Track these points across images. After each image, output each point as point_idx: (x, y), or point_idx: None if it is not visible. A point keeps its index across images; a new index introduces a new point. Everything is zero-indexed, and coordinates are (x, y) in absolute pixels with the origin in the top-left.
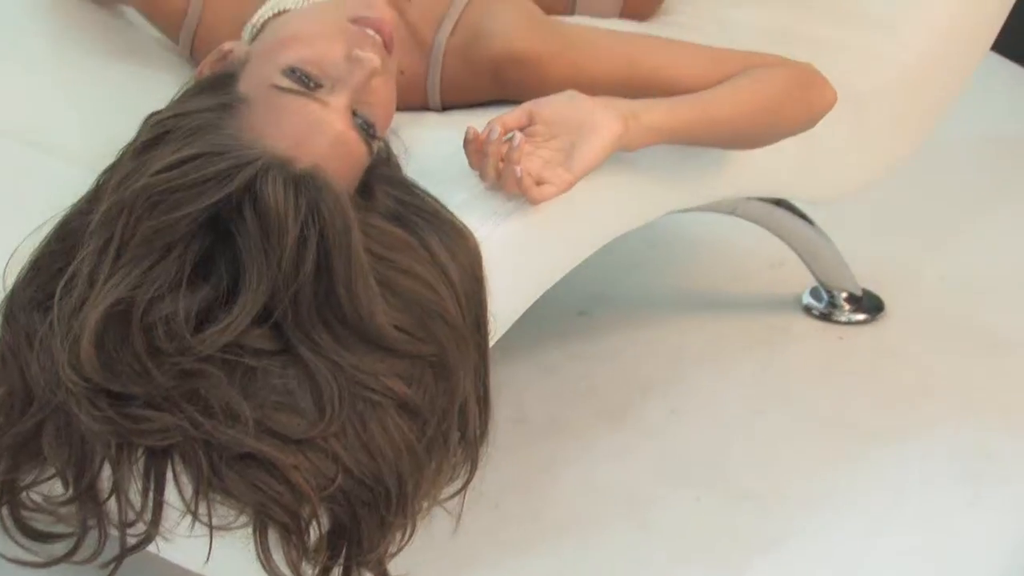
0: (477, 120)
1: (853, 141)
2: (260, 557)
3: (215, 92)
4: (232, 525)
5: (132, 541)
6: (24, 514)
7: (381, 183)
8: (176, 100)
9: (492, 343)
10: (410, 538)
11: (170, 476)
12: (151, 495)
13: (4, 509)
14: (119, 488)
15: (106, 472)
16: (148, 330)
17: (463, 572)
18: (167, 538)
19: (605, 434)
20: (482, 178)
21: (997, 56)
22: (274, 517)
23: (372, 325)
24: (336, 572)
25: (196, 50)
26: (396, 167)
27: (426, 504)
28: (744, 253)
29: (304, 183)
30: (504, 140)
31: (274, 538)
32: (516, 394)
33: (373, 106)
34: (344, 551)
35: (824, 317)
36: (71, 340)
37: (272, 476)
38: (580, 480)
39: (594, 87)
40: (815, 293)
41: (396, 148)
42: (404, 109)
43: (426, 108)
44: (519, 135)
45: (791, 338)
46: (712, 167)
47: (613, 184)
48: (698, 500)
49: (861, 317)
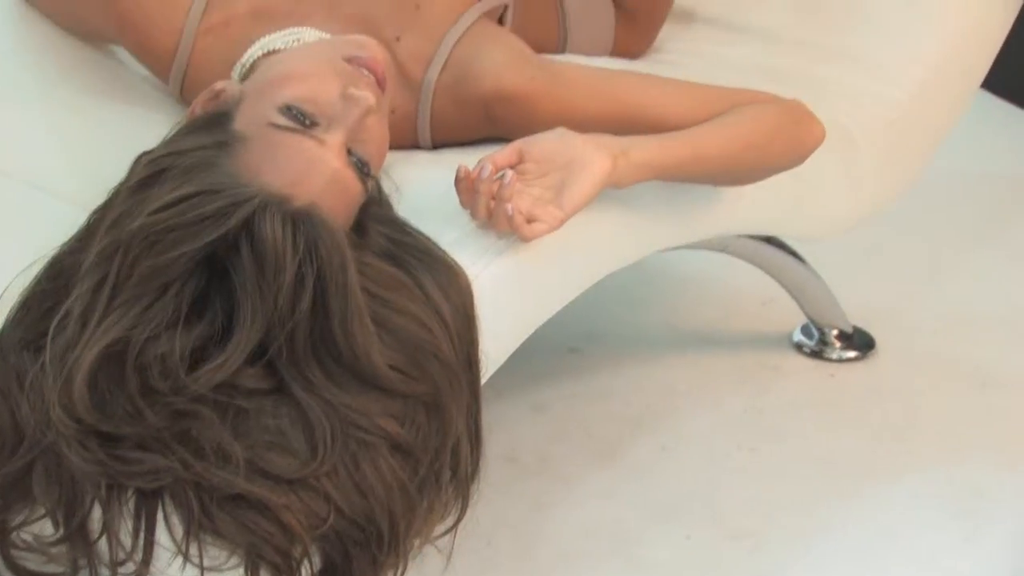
0: (468, 158)
1: (843, 179)
2: None
3: (210, 130)
4: (223, 566)
5: None
6: (15, 553)
7: (374, 222)
8: (169, 139)
9: (483, 381)
10: None
11: (161, 517)
12: (142, 535)
13: None
14: (109, 528)
15: (96, 512)
16: (143, 370)
17: None
18: None
19: (596, 472)
20: (473, 216)
21: (987, 94)
22: (266, 557)
23: (367, 364)
24: None
25: (186, 90)
26: (388, 206)
27: (418, 542)
28: (735, 290)
29: (301, 221)
30: (495, 178)
31: None
32: (507, 432)
33: (367, 144)
34: None
35: (815, 354)
36: (63, 380)
37: (263, 516)
38: (571, 518)
39: (584, 124)
40: (806, 330)
41: (387, 187)
42: (394, 148)
43: (416, 147)
44: (510, 173)
45: (782, 375)
46: (702, 204)
47: (604, 221)
48: (688, 538)
49: (852, 354)
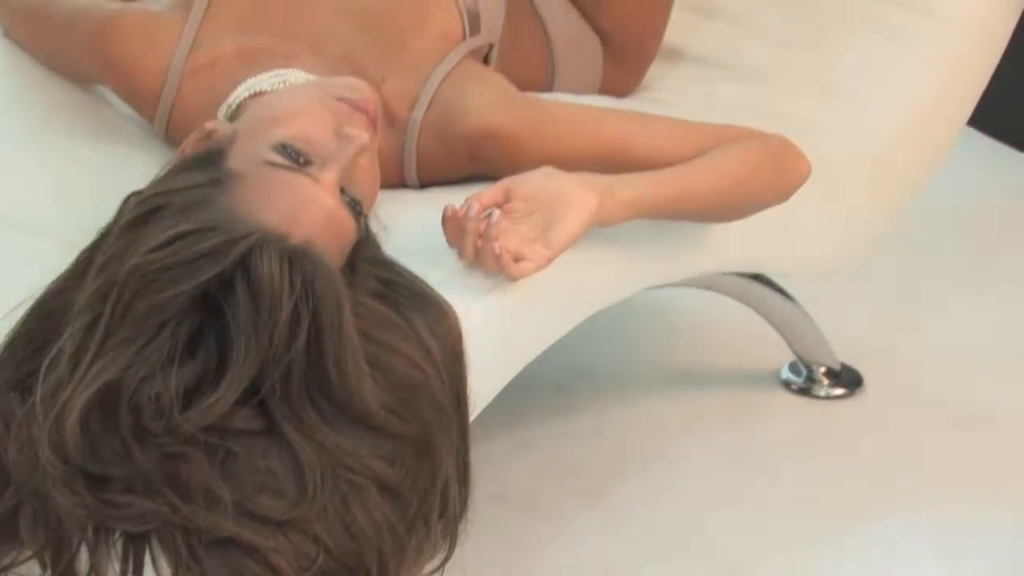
0: (455, 197)
1: (830, 216)
2: None
3: (204, 169)
4: None
5: None
6: None
7: (363, 261)
8: (161, 178)
9: (471, 419)
10: None
11: (148, 560)
12: None
13: None
14: (97, 571)
15: (84, 555)
16: (136, 410)
17: None
18: None
19: (584, 510)
20: (460, 255)
21: (973, 131)
22: None
23: (360, 404)
24: None
25: (171, 130)
26: (376, 245)
27: None
28: (722, 328)
29: (298, 258)
30: (482, 217)
31: None
32: (495, 470)
33: (360, 184)
34: None
35: (803, 392)
36: (54, 420)
37: (252, 559)
38: (560, 556)
39: (570, 162)
40: (794, 368)
41: (374, 226)
42: (382, 187)
43: (403, 186)
44: (497, 212)
45: (770, 413)
46: (689, 242)
47: (591, 260)
48: None
49: (840, 392)
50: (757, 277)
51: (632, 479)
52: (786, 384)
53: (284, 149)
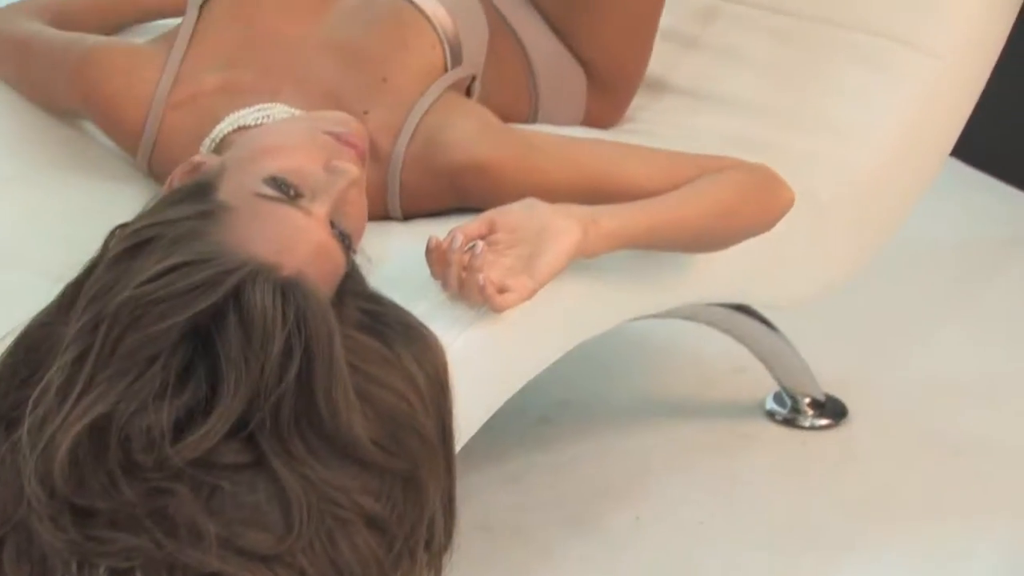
0: (438, 229)
1: (813, 246)
2: None
3: (193, 201)
4: None
5: None
6: None
7: (349, 294)
8: (149, 210)
9: (456, 450)
10: None
11: None
12: None
13: None
14: None
15: None
16: (126, 443)
17: None
18: None
19: (570, 542)
20: (444, 287)
21: (956, 161)
22: None
23: (349, 438)
24: None
25: (154, 164)
26: (360, 277)
27: None
28: (706, 359)
29: (291, 290)
30: (466, 249)
31: None
32: (480, 502)
33: (349, 217)
34: None
35: (788, 422)
36: (41, 453)
37: None
38: None
39: (553, 194)
40: (778, 398)
41: (359, 258)
42: None
43: (387, 218)
44: (481, 243)
45: (755, 444)
46: (673, 273)
47: (575, 291)
48: None
49: (825, 422)
50: (741, 308)
51: (617, 510)
52: (771, 415)
53: (275, 182)
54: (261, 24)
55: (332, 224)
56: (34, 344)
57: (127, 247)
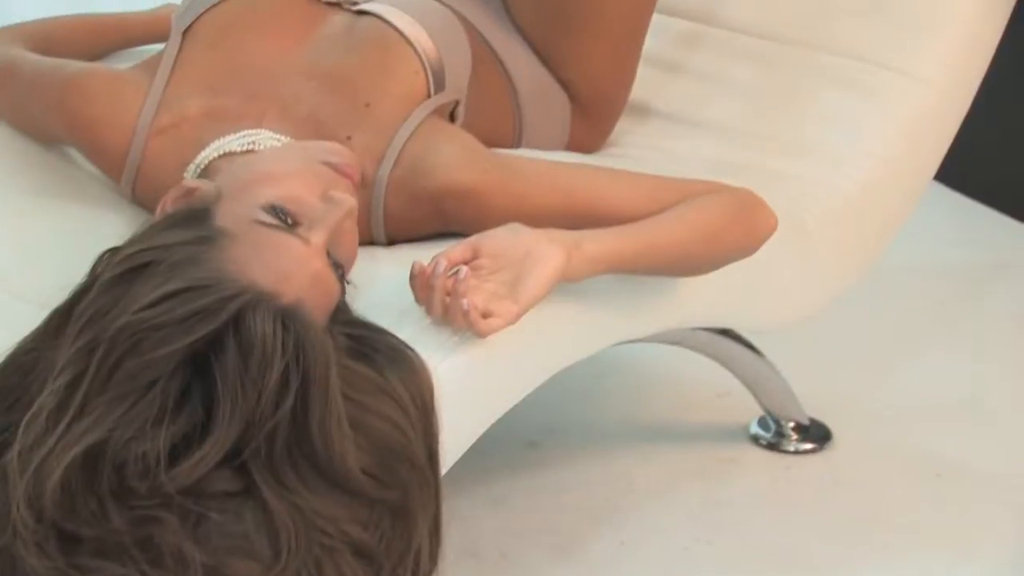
0: (422, 254)
1: (797, 270)
2: None
3: (190, 226)
4: None
5: None
6: None
7: (336, 322)
8: (143, 234)
9: (441, 475)
10: None
11: None
12: None
13: None
14: None
15: None
16: (120, 469)
17: None
18: None
19: (556, 566)
20: (428, 312)
21: (939, 185)
22: None
23: (341, 467)
24: None
25: (138, 190)
26: (345, 303)
27: None
28: (691, 383)
29: (290, 319)
30: (450, 274)
31: None
32: (466, 527)
33: (342, 247)
34: None
35: (772, 446)
36: (32, 477)
37: None
38: None
39: (537, 218)
40: (762, 422)
41: None
42: None
43: (371, 243)
44: (464, 269)
45: (739, 468)
46: (657, 297)
47: (559, 315)
48: None
49: (809, 446)
50: (725, 332)
51: (602, 534)
52: (755, 439)
53: (273, 210)
54: (244, 50)
55: (327, 253)
56: (21, 368)
57: (123, 271)
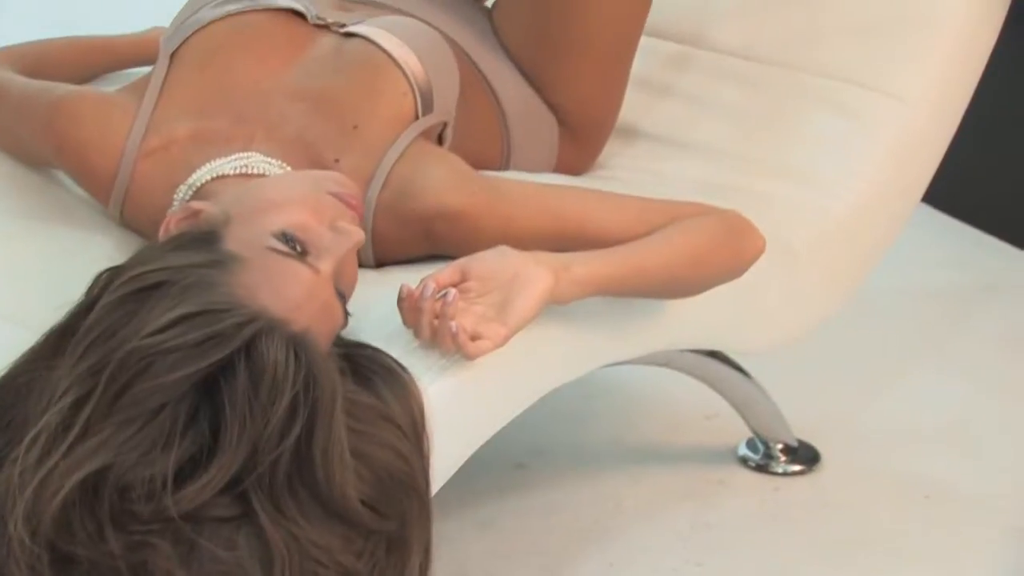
0: (411, 277)
1: (785, 292)
2: None
3: (200, 249)
4: None
5: None
6: None
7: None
8: (148, 255)
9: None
10: None
11: None
12: None
13: None
14: None
15: None
16: (124, 492)
17: None
18: None
19: None
20: (416, 335)
21: (925, 206)
22: None
23: (340, 498)
24: None
25: (126, 212)
26: None
27: None
28: (679, 405)
29: (301, 347)
30: (438, 297)
31: None
32: (454, 550)
33: (345, 277)
34: None
35: (760, 468)
36: (33, 496)
37: None
38: None
39: (525, 240)
40: (751, 444)
41: None
42: None
43: (359, 265)
44: (453, 291)
45: (728, 490)
46: (645, 319)
47: (548, 338)
48: None
49: (797, 468)
50: (713, 354)
51: (591, 556)
52: (743, 461)
53: (284, 237)
54: (232, 72)
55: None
56: (15, 388)
57: (132, 291)
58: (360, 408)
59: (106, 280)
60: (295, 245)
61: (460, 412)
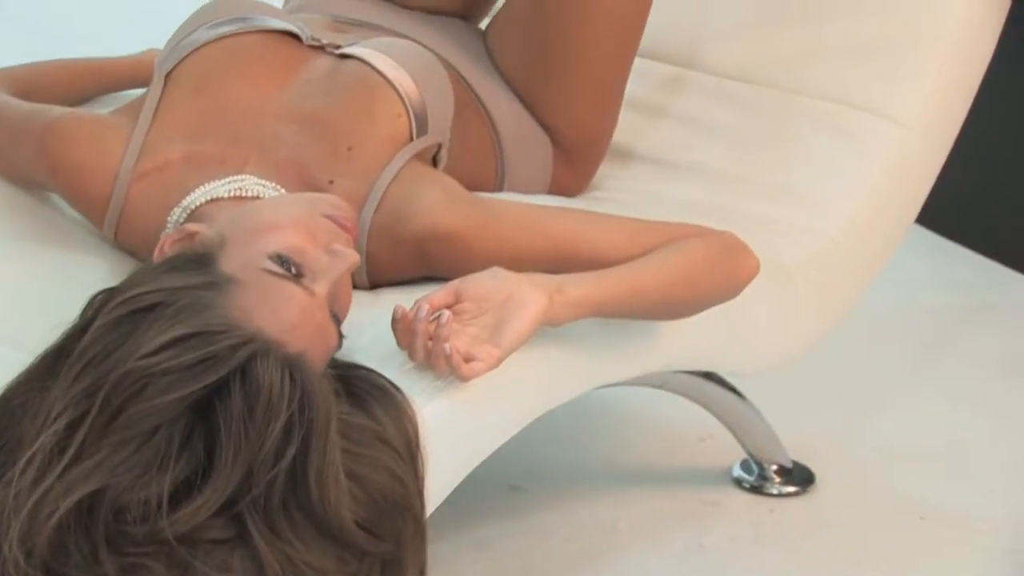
0: (405, 298)
1: (779, 313)
2: None
3: (196, 271)
4: None
5: None
6: None
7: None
8: (145, 277)
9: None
10: None
11: None
12: None
13: None
14: None
15: None
16: (119, 514)
17: None
18: None
19: None
20: (411, 357)
21: (920, 228)
22: None
23: (335, 519)
24: None
25: (120, 234)
26: None
27: None
28: (673, 426)
29: (297, 369)
30: (432, 318)
31: None
32: (448, 572)
33: (340, 299)
34: None
35: (755, 490)
36: (28, 516)
37: None
38: None
39: (520, 262)
40: (745, 466)
41: None
42: None
43: (353, 287)
44: (447, 313)
45: (722, 511)
46: (639, 340)
47: (542, 359)
48: None
49: (792, 489)
50: (708, 375)
51: None
52: (738, 482)
53: (279, 259)
54: (227, 94)
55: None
56: (9, 410)
57: (127, 312)
58: (355, 429)
59: (101, 302)
60: (290, 267)
61: (454, 433)
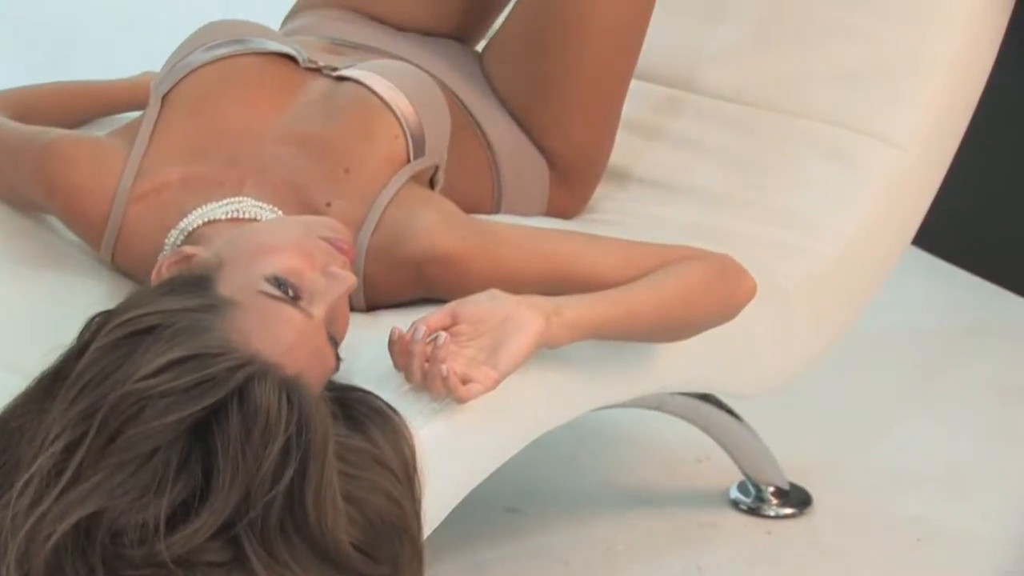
0: (402, 320)
1: (778, 335)
2: None
3: (193, 293)
4: None
5: None
6: None
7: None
8: (140, 299)
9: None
10: None
11: None
12: None
13: None
14: None
15: None
16: (117, 536)
17: None
18: None
19: None
20: (408, 379)
21: (916, 249)
22: None
23: (332, 542)
24: None
25: (117, 256)
26: None
27: None
28: (671, 448)
29: (295, 391)
30: (429, 340)
31: None
32: None
33: (337, 322)
34: None
35: (752, 511)
36: (26, 540)
37: None
38: None
39: (517, 284)
40: (742, 487)
41: None
42: None
43: (350, 309)
44: (444, 335)
45: (719, 533)
46: (636, 362)
47: (539, 381)
48: None
49: (789, 511)
50: (705, 397)
51: None
52: (735, 504)
53: (276, 281)
54: (223, 116)
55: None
56: (6, 433)
57: (125, 335)
58: (352, 452)
59: (98, 324)
60: (287, 290)
61: (451, 455)
